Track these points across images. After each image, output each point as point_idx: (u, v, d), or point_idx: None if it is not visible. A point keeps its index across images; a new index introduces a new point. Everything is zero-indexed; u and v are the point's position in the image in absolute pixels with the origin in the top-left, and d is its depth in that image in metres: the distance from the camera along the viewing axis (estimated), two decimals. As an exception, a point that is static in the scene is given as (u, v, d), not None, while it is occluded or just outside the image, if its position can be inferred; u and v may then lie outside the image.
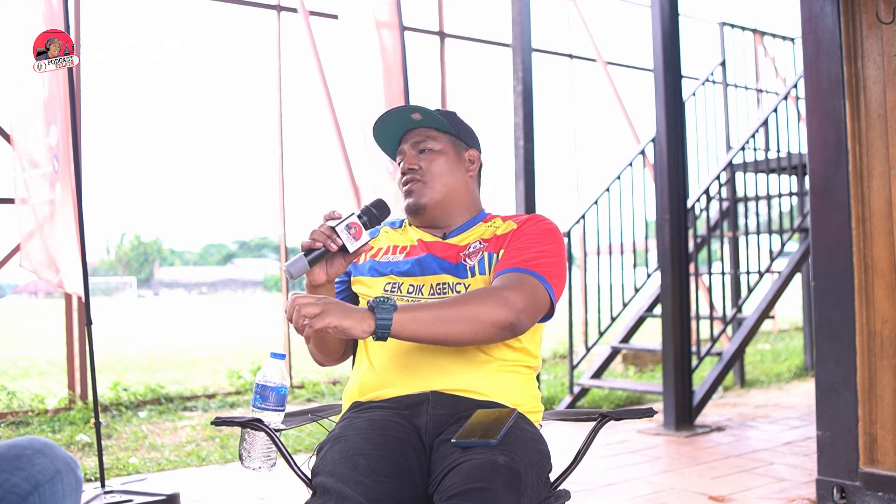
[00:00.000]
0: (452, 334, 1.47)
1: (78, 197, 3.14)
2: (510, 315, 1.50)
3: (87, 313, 3.15)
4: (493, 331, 1.50)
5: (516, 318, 1.51)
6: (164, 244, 53.36)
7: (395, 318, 1.41)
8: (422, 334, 1.46)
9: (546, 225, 1.71)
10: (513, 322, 1.51)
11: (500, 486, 1.33)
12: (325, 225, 1.56)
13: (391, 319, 1.41)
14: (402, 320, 1.42)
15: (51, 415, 4.72)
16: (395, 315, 1.41)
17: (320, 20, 6.02)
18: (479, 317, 1.48)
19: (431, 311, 1.46)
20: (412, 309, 1.45)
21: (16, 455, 1.20)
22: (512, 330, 1.52)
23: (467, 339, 1.50)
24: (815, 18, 2.93)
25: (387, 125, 1.79)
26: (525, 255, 1.63)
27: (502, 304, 1.50)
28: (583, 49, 8.04)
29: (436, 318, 1.46)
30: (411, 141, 1.77)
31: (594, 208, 5.47)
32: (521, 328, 1.53)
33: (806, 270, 5.93)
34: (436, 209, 1.75)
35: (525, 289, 1.55)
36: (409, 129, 1.78)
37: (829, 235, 2.92)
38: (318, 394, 5.59)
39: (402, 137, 1.80)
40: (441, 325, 1.46)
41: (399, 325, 1.42)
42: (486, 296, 1.52)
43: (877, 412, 2.81)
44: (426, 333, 1.46)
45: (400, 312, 1.42)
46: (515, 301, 1.52)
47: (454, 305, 1.49)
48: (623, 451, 4.00)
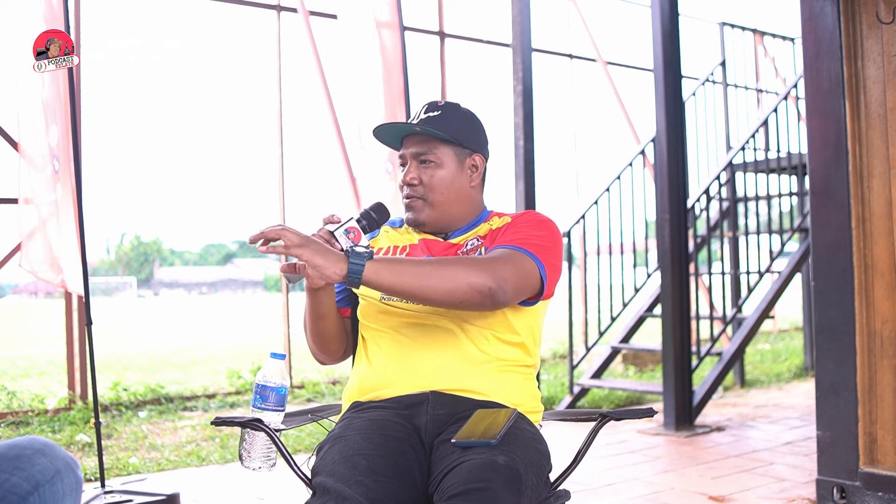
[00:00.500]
0: (427, 289, 1.46)
1: (78, 197, 3.14)
2: (490, 281, 1.48)
3: (88, 313, 3.15)
4: (470, 293, 1.48)
5: (497, 286, 1.49)
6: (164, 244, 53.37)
7: (369, 265, 1.42)
8: (396, 284, 1.45)
9: (539, 217, 1.71)
10: (492, 288, 1.48)
11: (501, 486, 1.33)
12: (324, 229, 1.56)
13: (363, 265, 1.42)
14: (376, 268, 1.43)
15: (51, 415, 4.72)
16: (369, 263, 1.42)
17: (320, 20, 6.02)
18: (457, 276, 1.47)
19: (408, 265, 1.47)
20: (389, 260, 1.46)
21: (16, 455, 1.20)
22: (491, 297, 1.49)
23: (443, 297, 1.48)
24: (815, 18, 2.93)
25: (388, 130, 1.78)
26: (517, 236, 1.63)
27: (484, 269, 1.49)
28: (583, 49, 8.04)
29: (411, 271, 1.46)
30: (413, 149, 1.73)
31: (594, 208, 5.47)
32: (501, 297, 1.50)
33: (806, 270, 5.93)
34: (436, 223, 1.75)
35: (512, 261, 1.54)
36: (411, 132, 1.75)
37: (829, 235, 2.92)
38: (318, 394, 5.59)
39: (405, 140, 1.77)
40: (416, 277, 1.45)
41: (372, 272, 1.42)
42: (470, 260, 1.52)
43: (877, 412, 2.81)
44: (400, 284, 1.45)
45: (375, 261, 1.43)
46: (498, 269, 1.51)
47: (434, 263, 1.49)
48: (623, 451, 4.00)
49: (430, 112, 1.74)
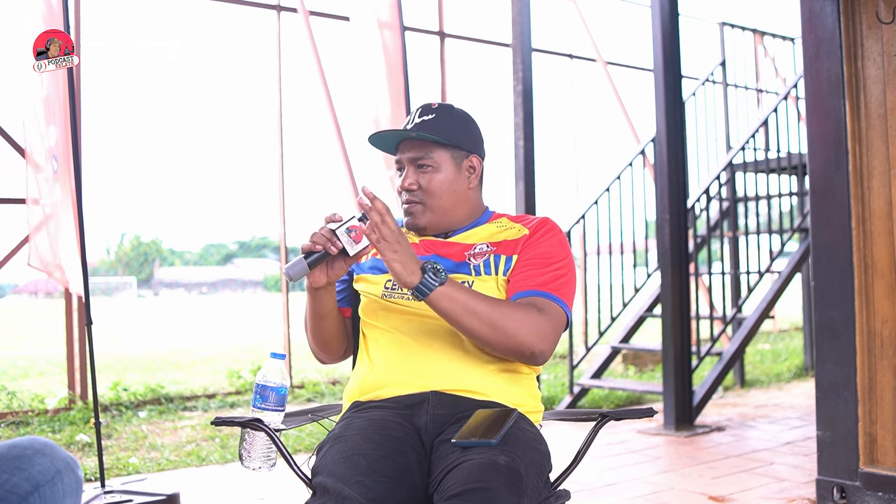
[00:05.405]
0: (475, 331, 1.52)
1: (78, 197, 3.14)
2: (536, 344, 1.54)
3: (88, 313, 3.15)
4: (514, 349, 1.55)
5: (540, 350, 1.55)
6: (164, 244, 53.35)
7: (439, 288, 1.48)
8: (451, 316, 1.51)
9: (558, 235, 1.71)
10: (535, 352, 1.55)
11: (501, 486, 1.33)
12: (326, 228, 1.56)
13: (434, 288, 1.48)
14: (443, 292, 1.49)
15: (51, 415, 4.72)
16: (440, 287, 1.48)
17: (320, 20, 6.02)
18: (509, 331, 1.52)
19: (472, 301, 1.51)
20: (457, 290, 1.51)
21: (16, 455, 1.20)
22: (531, 359, 1.57)
23: (486, 342, 1.54)
24: (815, 18, 2.93)
25: (383, 136, 1.77)
26: (547, 274, 1.64)
27: (534, 330, 1.54)
28: (583, 49, 8.04)
29: (471, 310, 1.51)
30: (409, 154, 1.72)
31: (594, 208, 5.48)
32: (541, 359, 1.58)
33: (806, 270, 5.93)
34: (436, 227, 1.75)
35: (553, 319, 1.58)
36: (406, 137, 1.74)
37: (829, 235, 2.92)
38: (318, 394, 5.59)
39: (400, 145, 1.75)
40: (471, 317, 1.51)
41: (438, 294, 1.49)
42: (524, 316, 1.55)
43: (877, 412, 2.81)
44: (454, 317, 1.51)
45: (446, 286, 1.49)
46: (546, 333, 1.56)
47: (494, 307, 1.53)
48: (623, 451, 4.00)
49: (425, 115, 1.73)
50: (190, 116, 63.82)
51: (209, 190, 66.41)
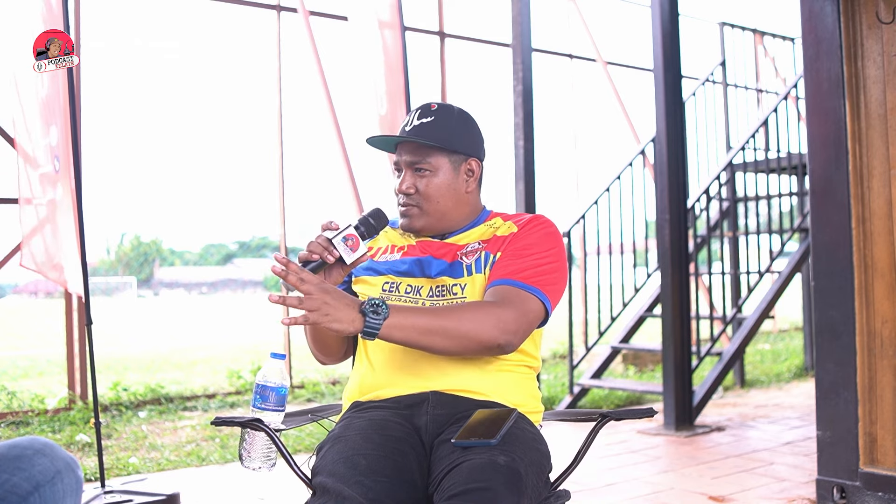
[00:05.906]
0: (438, 347, 1.50)
1: (78, 197, 3.14)
2: (500, 337, 1.52)
3: (88, 313, 3.15)
4: (479, 349, 1.53)
5: (506, 341, 1.53)
6: (164, 244, 53.35)
7: (385, 323, 1.44)
8: (409, 343, 1.49)
9: (546, 228, 1.69)
10: (501, 344, 1.53)
11: (501, 486, 1.33)
12: (322, 236, 1.56)
13: (380, 326, 1.43)
14: (391, 325, 1.44)
15: (51, 415, 4.72)
16: (385, 322, 1.44)
17: (320, 20, 6.02)
18: (468, 335, 1.50)
19: (421, 321, 1.48)
20: (404, 316, 1.47)
21: (16, 455, 1.20)
22: (500, 350, 1.55)
23: (453, 352, 1.53)
24: (815, 18, 2.93)
25: (381, 138, 1.77)
26: (522, 263, 1.62)
27: (493, 324, 1.51)
28: (583, 49, 8.04)
29: (424, 330, 1.48)
30: (407, 157, 1.72)
31: (594, 208, 5.47)
32: (509, 349, 1.56)
33: (806, 270, 5.93)
34: (433, 229, 1.75)
35: (518, 308, 1.55)
36: (405, 140, 1.73)
37: (829, 235, 2.92)
38: (318, 394, 5.59)
39: (399, 147, 1.74)
40: (427, 337, 1.48)
41: (387, 329, 1.44)
42: (478, 314, 1.52)
43: (877, 412, 2.81)
44: (413, 343, 1.49)
45: (391, 318, 1.44)
46: (508, 323, 1.53)
47: (445, 318, 1.50)
48: (623, 451, 4.00)
49: (424, 118, 1.71)
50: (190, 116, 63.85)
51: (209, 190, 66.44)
